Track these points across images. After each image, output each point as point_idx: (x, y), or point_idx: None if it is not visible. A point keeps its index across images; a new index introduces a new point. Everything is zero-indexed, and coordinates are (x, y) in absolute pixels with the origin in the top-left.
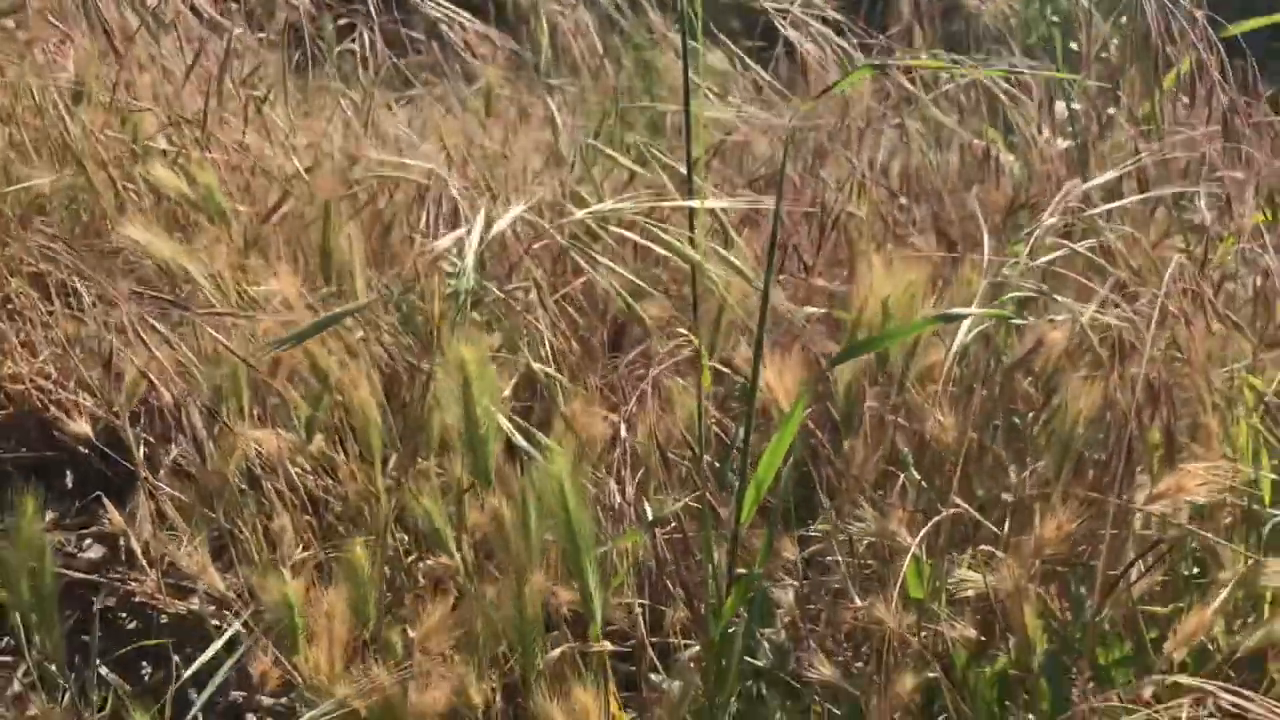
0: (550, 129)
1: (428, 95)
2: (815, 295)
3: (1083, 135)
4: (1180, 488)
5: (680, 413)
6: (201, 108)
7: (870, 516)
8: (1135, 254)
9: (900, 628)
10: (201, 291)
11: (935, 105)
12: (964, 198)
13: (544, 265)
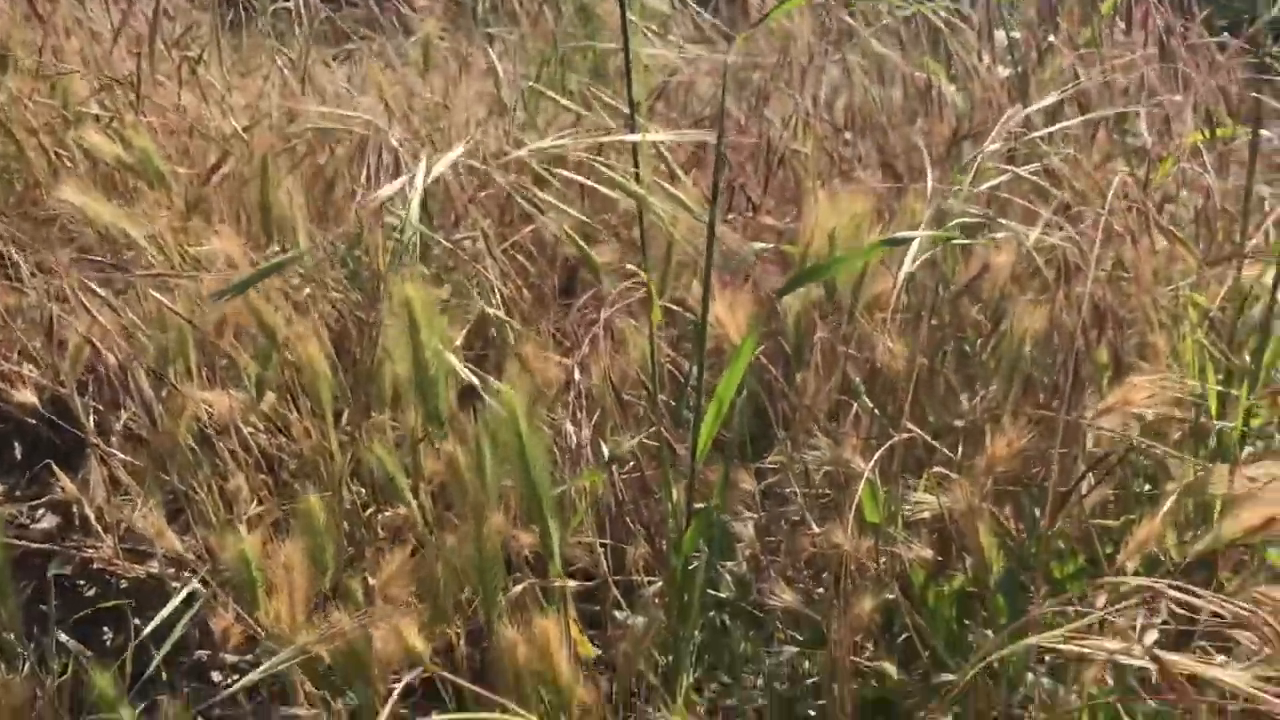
0: (492, 78)
1: (365, 50)
2: (764, 233)
3: (1023, 63)
4: (1126, 401)
5: (634, 353)
6: (133, 70)
7: (824, 445)
8: (1077, 176)
9: (858, 551)
10: (143, 254)
11: (876, 39)
12: (908, 131)
13: (491, 215)
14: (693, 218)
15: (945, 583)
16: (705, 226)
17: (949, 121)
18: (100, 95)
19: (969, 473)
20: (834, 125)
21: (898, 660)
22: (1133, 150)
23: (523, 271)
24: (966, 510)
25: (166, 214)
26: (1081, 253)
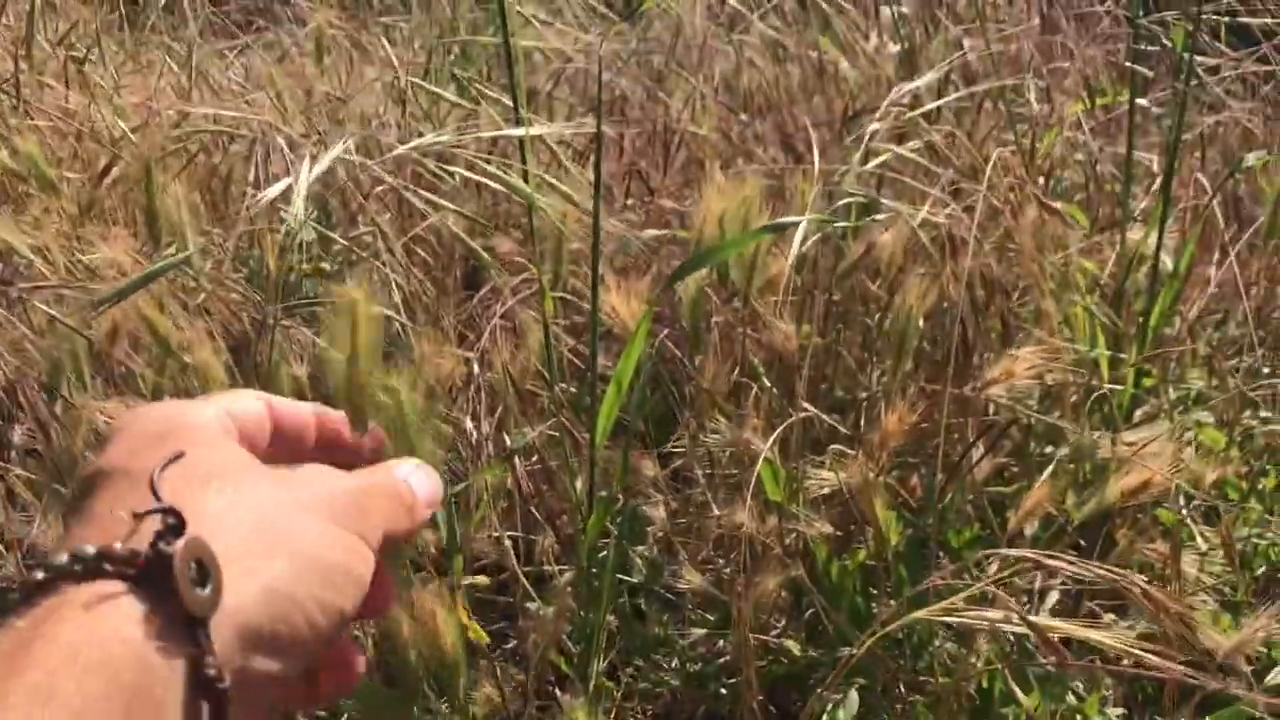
0: (388, 69)
1: (258, 43)
2: (665, 217)
3: (909, 39)
4: (1011, 373)
5: (534, 345)
6: (12, 71)
7: (724, 427)
8: (960, 152)
9: (760, 530)
10: (30, 266)
11: (765, 21)
12: (806, 108)
13: (390, 209)
14: (579, 211)
15: (849, 557)
16: (591, 219)
17: (844, 96)
18: None
19: (865, 448)
20: (730, 107)
21: (805, 636)
22: (1019, 120)
23: (425, 265)
24: (863, 485)
25: (56, 221)
26: (966, 228)
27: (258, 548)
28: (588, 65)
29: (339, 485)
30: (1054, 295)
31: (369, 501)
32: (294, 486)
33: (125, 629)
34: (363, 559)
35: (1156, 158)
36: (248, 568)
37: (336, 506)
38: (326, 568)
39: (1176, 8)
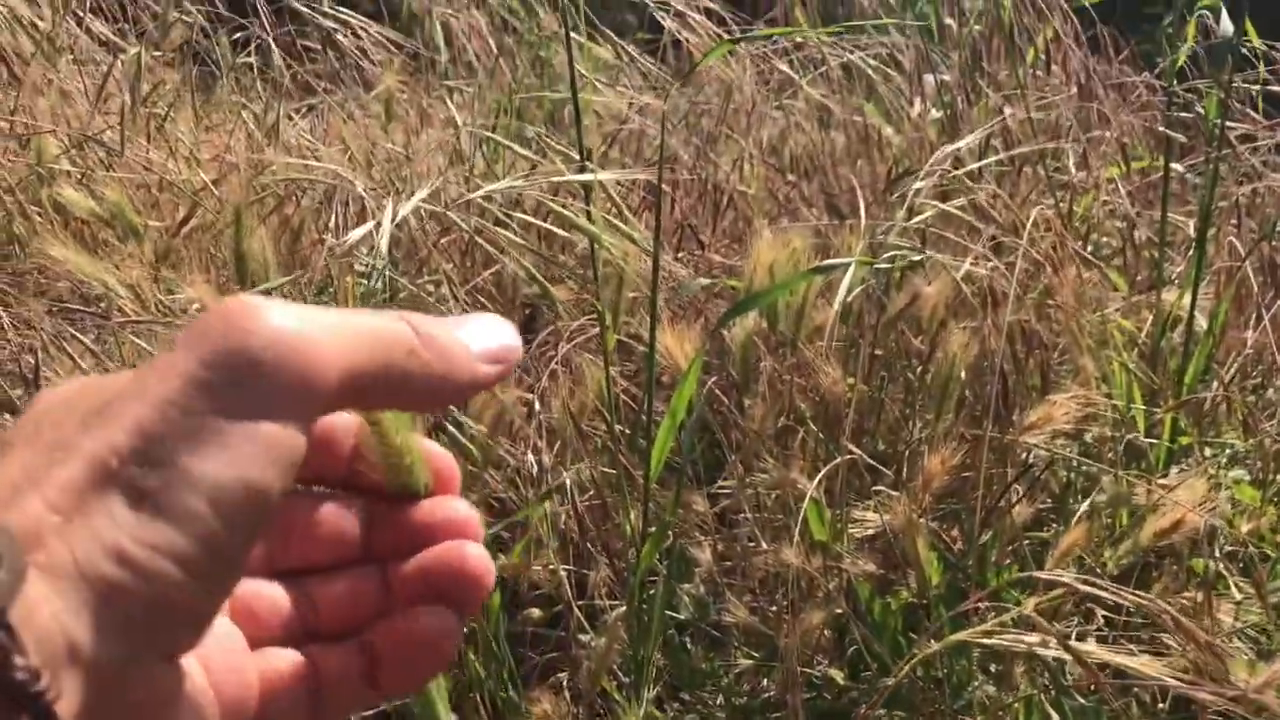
0: (452, 128)
1: (328, 103)
2: (714, 269)
3: (951, 105)
4: (1049, 418)
5: (591, 385)
6: (104, 127)
7: (771, 468)
8: (1000, 210)
9: (806, 568)
10: (120, 303)
11: (815, 85)
12: (850, 170)
13: (454, 259)
14: (641, 250)
15: (891, 596)
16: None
17: (888, 160)
18: (71, 153)
19: (908, 491)
20: (777, 167)
21: (848, 672)
22: (1058, 184)
23: (485, 311)
24: (906, 526)
25: (139, 265)
26: (1007, 282)
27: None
28: (641, 127)
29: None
30: (1091, 352)
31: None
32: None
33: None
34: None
35: (1192, 223)
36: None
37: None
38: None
39: (1211, 78)
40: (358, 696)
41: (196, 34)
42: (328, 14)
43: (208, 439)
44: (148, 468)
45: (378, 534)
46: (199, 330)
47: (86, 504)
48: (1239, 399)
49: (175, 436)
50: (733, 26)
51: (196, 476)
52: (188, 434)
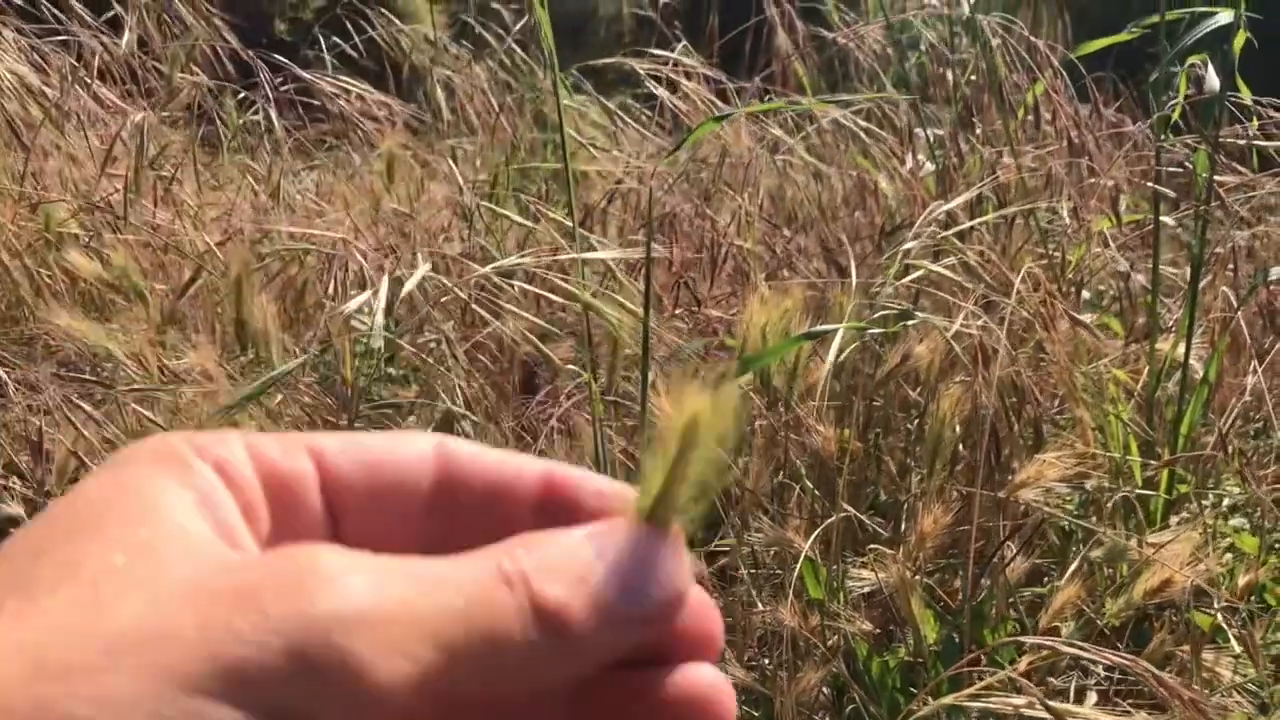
0: (454, 184)
1: (330, 163)
2: (712, 325)
3: (944, 160)
4: (1040, 474)
5: (587, 445)
6: (111, 191)
7: (767, 527)
8: (990, 269)
9: (802, 627)
10: (124, 369)
11: (809, 141)
12: (847, 224)
13: (454, 317)
14: (635, 315)
15: (889, 655)
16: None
17: (884, 214)
18: (79, 216)
19: (903, 548)
20: (772, 223)
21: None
22: (1050, 237)
23: (485, 371)
24: (901, 584)
25: (144, 328)
26: (998, 339)
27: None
28: (640, 186)
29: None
30: (1086, 404)
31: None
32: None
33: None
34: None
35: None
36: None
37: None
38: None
39: (1198, 133)
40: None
41: (203, 94)
42: (329, 80)
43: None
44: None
45: (588, 707)
46: (255, 575)
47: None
48: (1236, 447)
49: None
50: (726, 84)
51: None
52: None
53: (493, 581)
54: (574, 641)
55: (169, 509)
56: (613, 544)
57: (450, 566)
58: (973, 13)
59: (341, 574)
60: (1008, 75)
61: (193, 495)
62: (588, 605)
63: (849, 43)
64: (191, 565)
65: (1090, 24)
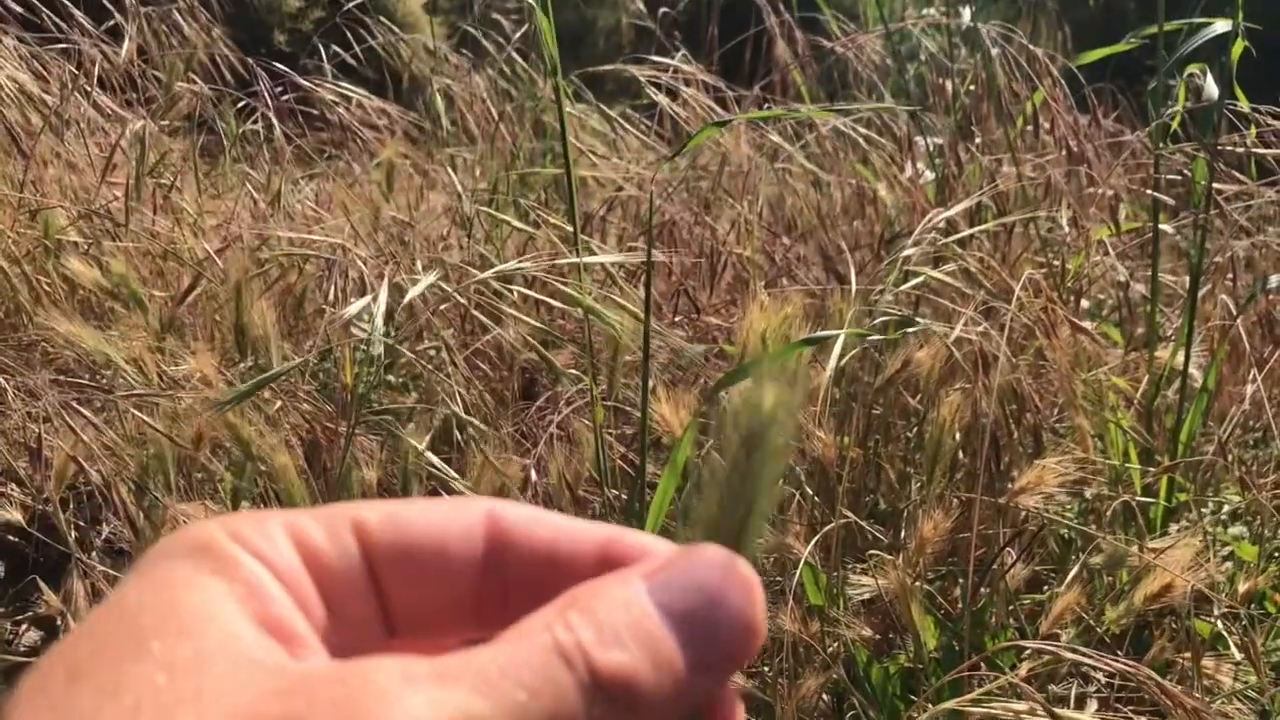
0: (452, 194)
1: (331, 170)
2: (711, 333)
3: (943, 169)
4: (1040, 481)
5: (587, 452)
6: (110, 199)
7: (766, 532)
8: (990, 275)
9: (802, 633)
10: (123, 375)
11: (809, 149)
12: (847, 231)
13: (453, 324)
14: (636, 320)
15: (889, 661)
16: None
17: (883, 222)
18: (79, 223)
19: (902, 553)
20: (772, 230)
21: None
22: (1049, 245)
23: (485, 378)
24: (900, 590)
25: (143, 335)
26: (997, 345)
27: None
28: (640, 193)
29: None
30: (1086, 412)
31: None
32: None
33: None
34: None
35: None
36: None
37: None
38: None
39: (1197, 140)
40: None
41: (202, 103)
42: (329, 87)
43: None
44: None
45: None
46: (307, 698)
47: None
48: (1236, 455)
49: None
50: (725, 92)
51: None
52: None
53: (552, 662)
54: (643, 709)
55: (214, 615)
56: (673, 586)
57: (508, 655)
58: (973, 22)
59: (398, 693)
60: (1007, 84)
61: (239, 592)
62: (653, 666)
63: (847, 51)
64: (241, 683)
65: (1091, 34)
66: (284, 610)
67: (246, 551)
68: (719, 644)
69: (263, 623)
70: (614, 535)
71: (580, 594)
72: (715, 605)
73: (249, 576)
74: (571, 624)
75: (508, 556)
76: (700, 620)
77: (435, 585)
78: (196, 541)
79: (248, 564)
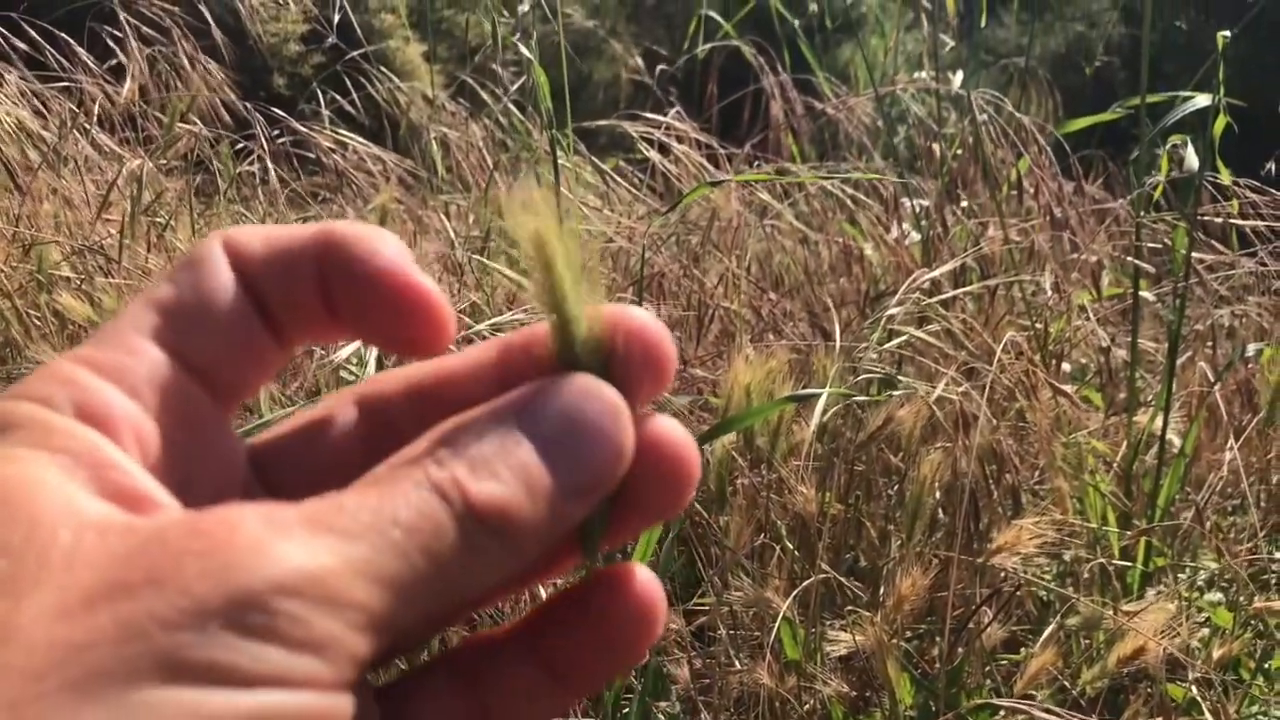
0: (445, 240)
1: (325, 214)
2: (697, 384)
3: (929, 230)
4: (1018, 541)
5: None
6: (105, 236)
7: (747, 586)
8: (973, 336)
9: (779, 688)
10: None
11: (797, 208)
12: (833, 289)
13: None
14: None
15: (865, 717)
16: None
17: (869, 280)
18: (72, 259)
19: (880, 610)
20: (759, 285)
21: None
22: (1032, 308)
23: None
24: (877, 647)
25: None
26: (978, 405)
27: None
28: (628, 247)
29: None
30: (1065, 474)
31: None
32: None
33: None
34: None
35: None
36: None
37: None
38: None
39: (1178, 209)
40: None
41: (200, 144)
42: (326, 133)
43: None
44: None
45: None
46: (168, 555)
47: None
48: (1214, 522)
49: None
50: (717, 149)
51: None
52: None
53: (426, 498)
54: (521, 536)
55: (40, 486)
56: (540, 415)
57: (380, 495)
58: (963, 89)
59: (270, 541)
60: (994, 150)
61: (63, 461)
62: (527, 493)
63: (838, 114)
64: (92, 552)
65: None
66: (121, 474)
67: (57, 412)
68: (588, 467)
69: (100, 490)
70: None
71: (449, 429)
72: (583, 430)
73: (70, 442)
74: (443, 459)
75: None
76: (569, 446)
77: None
78: (3, 417)
79: (63, 426)
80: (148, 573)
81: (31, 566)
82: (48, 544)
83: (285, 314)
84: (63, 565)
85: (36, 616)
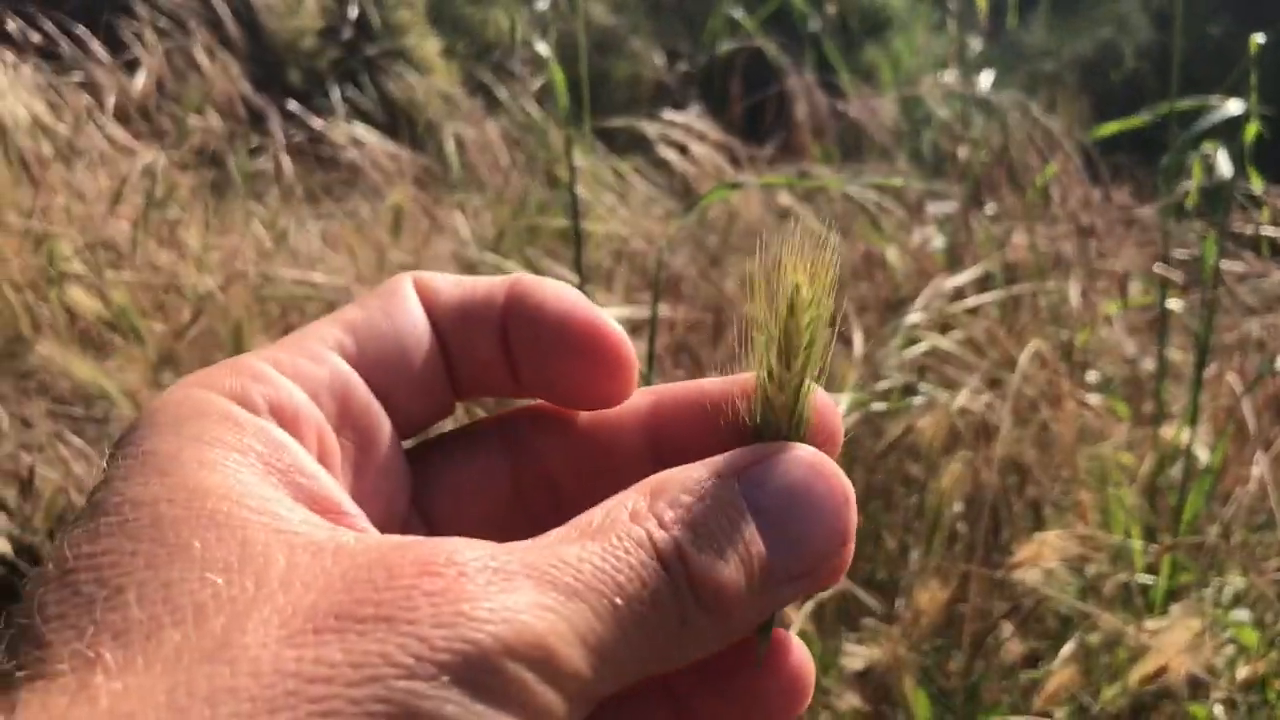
0: (459, 238)
1: (339, 211)
2: None
3: (953, 235)
4: (1038, 554)
5: None
6: (116, 231)
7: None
8: (996, 345)
9: None
10: (117, 407)
11: (822, 210)
12: (852, 295)
13: None
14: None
15: None
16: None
17: (891, 285)
18: (83, 253)
19: (897, 624)
20: None
21: None
22: (1057, 317)
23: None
24: (894, 662)
25: (140, 367)
26: (999, 416)
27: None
28: (646, 247)
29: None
30: (1089, 486)
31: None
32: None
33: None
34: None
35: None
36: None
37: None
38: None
39: (1207, 217)
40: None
41: (215, 138)
42: (342, 129)
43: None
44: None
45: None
46: (397, 590)
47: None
48: (1240, 537)
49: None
50: (738, 150)
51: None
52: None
53: (649, 564)
54: (734, 617)
55: (243, 497)
56: (767, 487)
57: (603, 553)
58: (992, 91)
59: (497, 591)
60: (1020, 155)
61: (258, 467)
62: (745, 575)
63: (860, 116)
64: (309, 574)
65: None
66: (310, 479)
67: (246, 409)
68: (808, 554)
69: (297, 496)
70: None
71: (669, 482)
72: (807, 511)
73: (261, 441)
74: (666, 521)
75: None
76: (791, 528)
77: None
78: (193, 407)
79: (253, 424)
80: (378, 607)
81: (249, 585)
82: (262, 562)
83: (465, 366)
84: (280, 585)
85: (263, 639)
